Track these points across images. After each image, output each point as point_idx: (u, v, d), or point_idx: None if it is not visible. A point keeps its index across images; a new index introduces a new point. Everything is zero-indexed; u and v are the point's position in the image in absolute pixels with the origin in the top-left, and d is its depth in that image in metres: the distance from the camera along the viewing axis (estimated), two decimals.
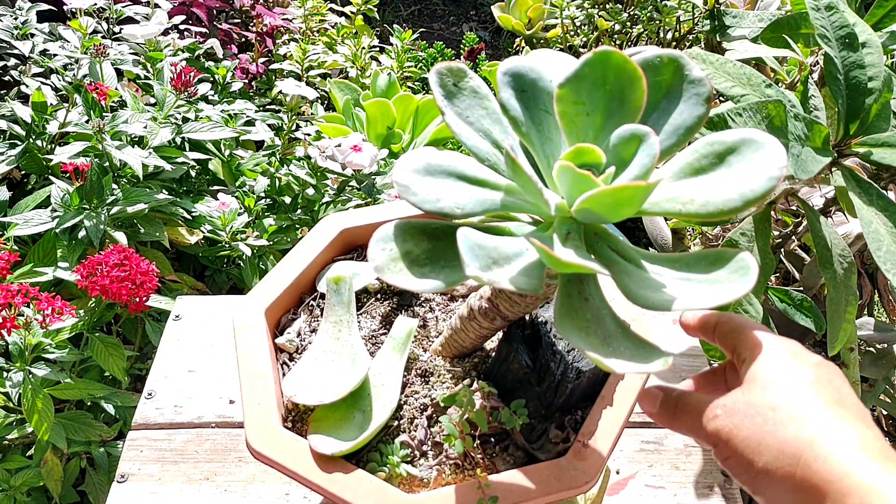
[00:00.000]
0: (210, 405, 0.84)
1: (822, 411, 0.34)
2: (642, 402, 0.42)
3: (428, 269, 0.41)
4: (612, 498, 0.77)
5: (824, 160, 0.67)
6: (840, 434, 0.33)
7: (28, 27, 1.39)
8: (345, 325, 0.57)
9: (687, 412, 0.38)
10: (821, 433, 0.33)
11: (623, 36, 1.75)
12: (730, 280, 0.36)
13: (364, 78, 1.80)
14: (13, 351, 0.93)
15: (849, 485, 0.31)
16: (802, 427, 0.33)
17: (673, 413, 0.39)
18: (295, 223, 1.35)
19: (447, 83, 0.44)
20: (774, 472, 0.33)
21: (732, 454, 0.35)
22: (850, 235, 1.14)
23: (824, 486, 0.31)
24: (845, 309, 0.73)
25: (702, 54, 0.77)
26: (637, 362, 0.36)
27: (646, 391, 0.42)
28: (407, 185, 0.42)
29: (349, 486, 0.47)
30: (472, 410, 0.50)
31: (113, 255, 0.95)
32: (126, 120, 1.17)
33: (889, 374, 1.16)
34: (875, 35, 0.73)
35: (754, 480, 0.34)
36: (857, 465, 0.31)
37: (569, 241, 0.39)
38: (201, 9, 1.66)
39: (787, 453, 0.33)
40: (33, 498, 1.05)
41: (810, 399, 0.34)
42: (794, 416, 0.34)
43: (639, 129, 0.38)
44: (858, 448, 0.32)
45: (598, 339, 0.38)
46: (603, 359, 0.35)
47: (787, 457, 0.33)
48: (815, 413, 0.34)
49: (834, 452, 0.32)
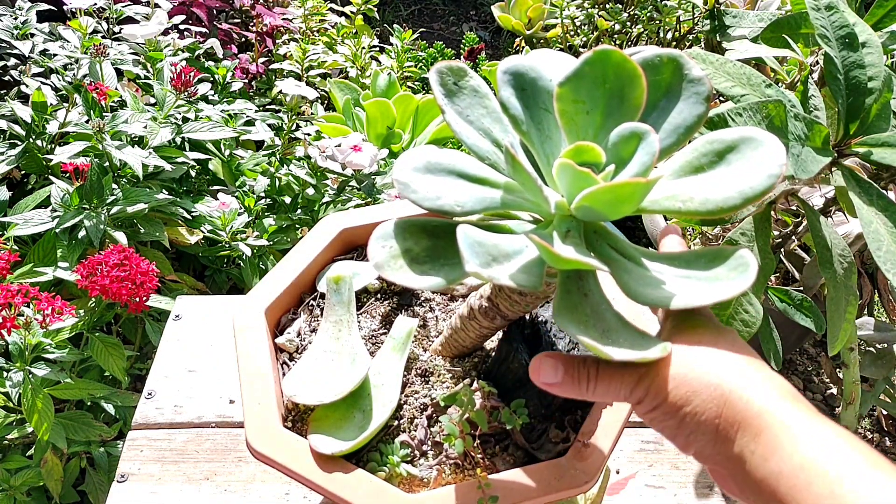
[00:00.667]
0: (210, 405, 0.84)
1: (742, 362, 0.36)
2: (538, 373, 0.40)
3: (428, 266, 0.41)
4: (612, 498, 0.77)
5: (824, 160, 0.67)
6: (757, 379, 0.35)
7: (28, 27, 1.39)
8: (345, 324, 0.57)
9: (607, 375, 0.38)
10: (743, 380, 0.35)
11: (623, 36, 1.75)
12: (729, 277, 0.36)
13: (364, 78, 1.80)
14: (13, 351, 0.93)
15: (765, 421, 0.33)
16: (725, 375, 0.35)
17: (587, 380, 0.39)
18: (295, 223, 1.35)
19: (447, 82, 0.44)
20: (702, 414, 0.34)
21: (661, 403, 0.36)
22: (850, 235, 1.14)
23: (743, 424, 0.33)
24: (845, 309, 0.73)
25: (702, 54, 0.77)
26: (636, 350, 0.36)
27: (538, 360, 0.40)
28: (407, 182, 0.42)
29: (349, 486, 0.47)
30: (473, 410, 0.50)
31: (113, 255, 0.95)
32: (126, 120, 1.17)
33: (889, 374, 1.16)
34: (875, 35, 0.73)
35: (681, 427, 0.35)
36: (772, 404, 0.33)
37: (568, 239, 0.39)
38: (201, 9, 1.66)
39: (714, 396, 0.34)
40: (33, 498, 1.05)
41: (730, 354, 0.36)
42: (717, 366, 0.36)
43: (638, 128, 0.38)
44: (775, 391, 0.34)
45: (597, 332, 0.38)
46: (601, 346, 0.35)
47: (714, 399, 0.34)
48: (736, 364, 0.36)
49: (754, 396, 0.34)
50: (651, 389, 0.36)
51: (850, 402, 1.04)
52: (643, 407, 0.37)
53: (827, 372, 1.39)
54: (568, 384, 0.39)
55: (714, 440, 0.34)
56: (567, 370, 0.39)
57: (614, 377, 0.38)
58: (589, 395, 0.39)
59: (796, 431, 0.32)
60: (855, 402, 1.04)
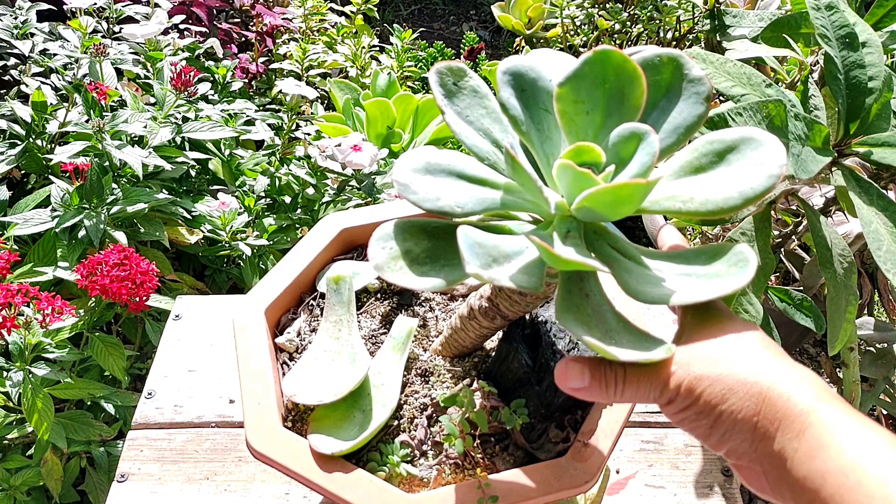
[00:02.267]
0: (210, 405, 0.84)
1: (774, 359, 0.35)
2: (564, 378, 0.38)
3: (428, 267, 0.41)
4: (612, 497, 0.77)
5: (824, 160, 0.67)
6: (794, 376, 0.34)
7: (28, 26, 1.39)
8: (345, 324, 0.57)
9: (635, 377, 0.37)
10: (780, 377, 0.34)
11: (623, 35, 1.75)
12: (729, 273, 0.36)
13: (364, 77, 1.80)
14: (13, 350, 0.93)
15: (808, 420, 0.33)
16: (761, 371, 0.35)
17: (614, 383, 0.38)
18: (295, 223, 1.35)
19: (447, 82, 0.44)
20: (739, 412, 0.34)
21: (694, 402, 0.35)
22: (850, 235, 1.14)
23: (785, 421, 0.33)
24: (845, 309, 0.73)
25: (702, 54, 0.77)
26: (640, 350, 0.36)
27: (564, 365, 0.39)
28: (407, 183, 0.42)
29: (349, 486, 0.47)
30: (473, 410, 0.50)
31: (113, 255, 0.95)
32: (126, 119, 1.17)
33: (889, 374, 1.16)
34: (875, 34, 0.73)
35: (716, 426, 0.35)
36: (814, 402, 0.33)
37: (569, 239, 0.39)
38: (201, 8, 1.66)
39: (752, 394, 0.34)
40: (33, 497, 1.05)
41: (760, 350, 0.36)
42: (751, 363, 0.35)
43: (638, 128, 0.38)
44: (813, 388, 0.34)
45: (600, 332, 0.38)
46: (605, 346, 0.35)
47: (752, 397, 0.34)
48: (769, 361, 0.35)
49: (794, 393, 0.34)
50: (683, 389, 0.36)
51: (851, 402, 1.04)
52: (674, 407, 0.36)
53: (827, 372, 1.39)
54: (595, 388, 0.38)
55: (752, 438, 0.34)
56: (594, 374, 0.38)
57: (642, 378, 0.37)
58: (616, 398, 0.38)
59: (842, 431, 0.32)
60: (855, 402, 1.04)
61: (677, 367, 0.36)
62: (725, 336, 0.37)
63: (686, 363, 0.36)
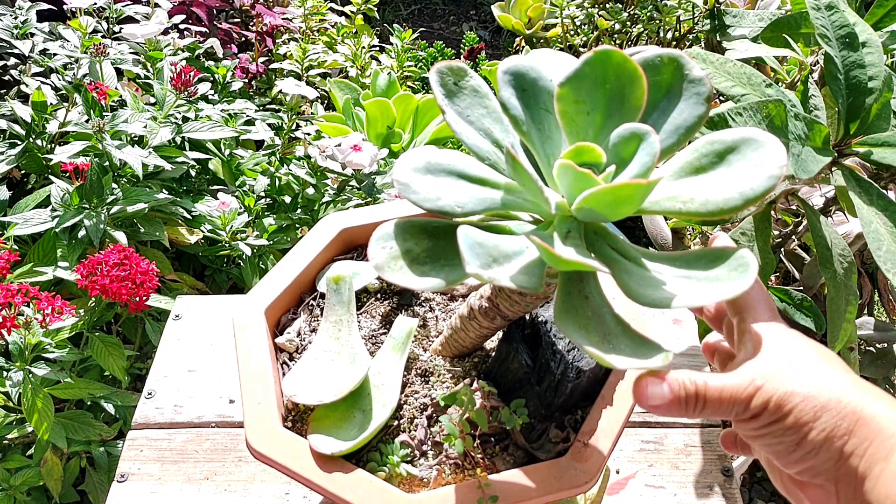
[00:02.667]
0: (210, 405, 0.84)
1: (856, 378, 0.35)
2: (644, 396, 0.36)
3: (428, 267, 0.41)
4: (612, 498, 0.77)
5: (824, 160, 0.67)
6: (883, 399, 0.34)
7: (28, 26, 1.39)
8: (345, 324, 0.57)
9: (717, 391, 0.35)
10: (868, 397, 0.34)
11: (623, 35, 1.75)
12: (729, 277, 0.36)
13: (364, 77, 1.80)
14: (13, 350, 0.93)
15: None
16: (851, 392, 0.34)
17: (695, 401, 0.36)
18: (295, 223, 1.35)
19: (448, 82, 0.44)
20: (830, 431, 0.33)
21: (782, 418, 0.34)
22: (850, 235, 1.14)
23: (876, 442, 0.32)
24: (845, 308, 0.73)
25: (702, 54, 0.77)
26: (638, 358, 0.36)
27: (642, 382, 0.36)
28: (407, 183, 0.42)
29: (349, 486, 0.47)
30: (473, 410, 0.50)
31: (113, 255, 0.95)
32: (126, 119, 1.17)
33: (889, 374, 1.16)
34: (875, 34, 0.73)
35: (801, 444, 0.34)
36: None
37: (569, 240, 0.39)
38: (201, 8, 1.66)
39: (845, 414, 0.33)
40: (33, 497, 1.05)
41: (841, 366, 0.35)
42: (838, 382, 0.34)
43: (639, 128, 0.38)
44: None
45: (598, 336, 0.37)
46: (603, 354, 0.35)
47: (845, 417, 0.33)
48: (853, 379, 0.34)
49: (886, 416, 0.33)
50: (772, 405, 0.34)
51: None
52: (758, 422, 0.35)
53: None
54: (675, 405, 0.36)
55: (839, 457, 0.33)
56: (673, 390, 0.36)
57: (725, 393, 0.35)
58: (696, 415, 0.36)
59: None
60: None
61: (764, 382, 0.35)
62: (802, 348, 0.36)
63: (772, 377, 0.35)
